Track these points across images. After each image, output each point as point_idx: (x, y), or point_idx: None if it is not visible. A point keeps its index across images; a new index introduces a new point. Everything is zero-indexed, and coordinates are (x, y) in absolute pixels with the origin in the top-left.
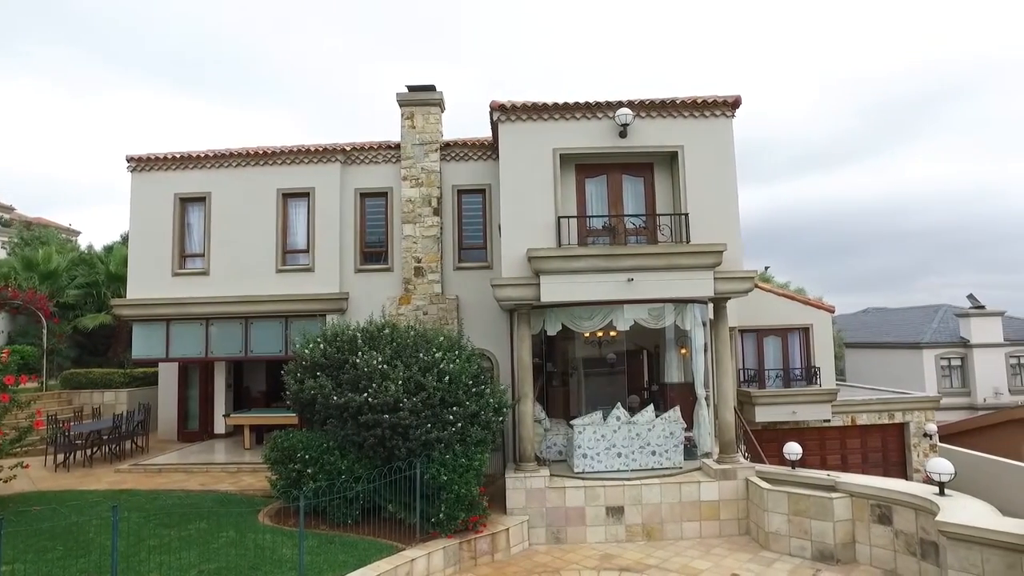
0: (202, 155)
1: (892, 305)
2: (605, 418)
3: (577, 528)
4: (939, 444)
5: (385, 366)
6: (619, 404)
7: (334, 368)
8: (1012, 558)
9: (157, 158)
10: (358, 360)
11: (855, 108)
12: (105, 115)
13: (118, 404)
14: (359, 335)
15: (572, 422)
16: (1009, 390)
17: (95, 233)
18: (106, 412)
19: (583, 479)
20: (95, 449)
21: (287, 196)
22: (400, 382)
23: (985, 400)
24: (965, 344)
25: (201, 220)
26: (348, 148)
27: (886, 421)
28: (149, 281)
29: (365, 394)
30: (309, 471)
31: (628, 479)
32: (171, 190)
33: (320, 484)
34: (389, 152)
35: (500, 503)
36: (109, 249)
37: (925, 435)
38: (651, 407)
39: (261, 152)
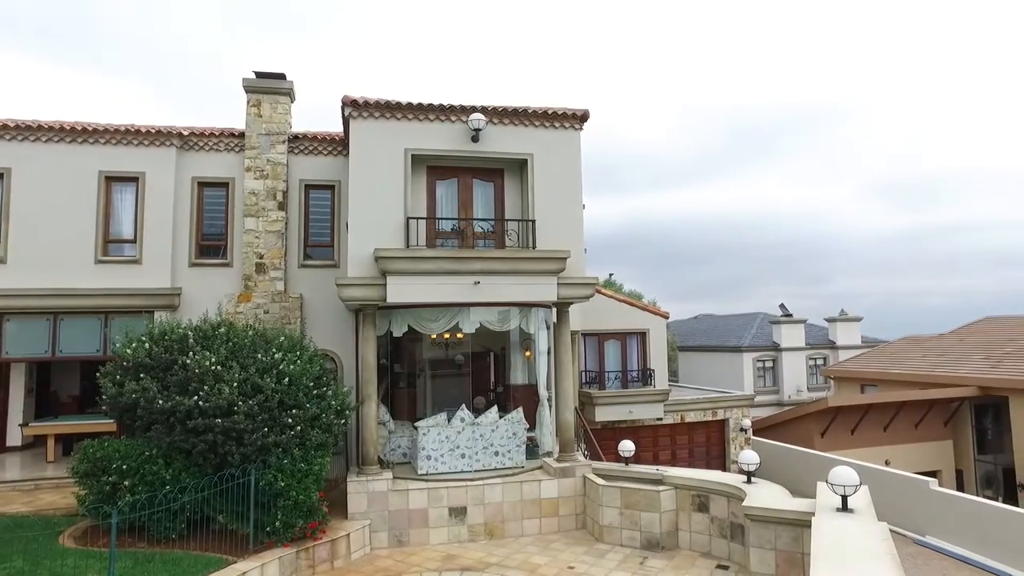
0: (1, 124)
1: (722, 312)
2: (450, 420)
3: (420, 530)
4: (752, 437)
5: (219, 367)
6: (464, 406)
7: (160, 369)
8: (796, 532)
9: None
10: (188, 361)
11: (715, 132)
12: None
13: None
14: (191, 333)
15: (417, 424)
16: (808, 388)
17: None
18: None
19: (426, 481)
20: None
21: (111, 180)
22: (235, 384)
23: (790, 397)
24: (776, 348)
25: None
26: (186, 132)
27: (710, 418)
28: None
29: (195, 397)
30: (126, 483)
31: (471, 479)
32: None
33: (139, 497)
34: (232, 140)
35: (342, 508)
36: None
37: (741, 430)
38: (495, 408)
39: (80, 128)
